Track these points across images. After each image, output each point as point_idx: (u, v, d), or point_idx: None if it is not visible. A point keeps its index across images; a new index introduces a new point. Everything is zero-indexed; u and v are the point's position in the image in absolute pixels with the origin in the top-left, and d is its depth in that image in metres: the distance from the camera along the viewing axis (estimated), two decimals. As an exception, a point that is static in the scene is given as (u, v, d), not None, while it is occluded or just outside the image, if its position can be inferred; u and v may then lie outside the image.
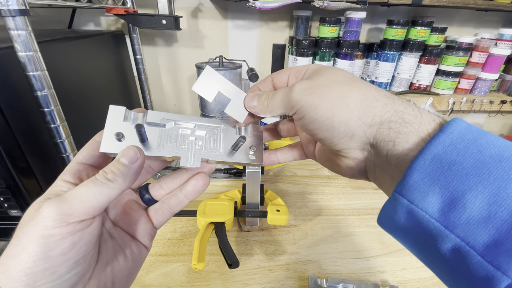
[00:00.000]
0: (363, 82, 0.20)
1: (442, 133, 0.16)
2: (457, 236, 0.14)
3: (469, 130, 0.16)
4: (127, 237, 0.22)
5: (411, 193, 0.16)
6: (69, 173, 0.20)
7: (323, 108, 0.18)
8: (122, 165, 0.19)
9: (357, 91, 0.19)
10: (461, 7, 0.69)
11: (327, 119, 0.19)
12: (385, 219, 0.19)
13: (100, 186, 0.18)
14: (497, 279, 0.13)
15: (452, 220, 0.15)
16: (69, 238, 0.16)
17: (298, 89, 0.20)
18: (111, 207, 0.23)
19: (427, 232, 0.16)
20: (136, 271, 0.23)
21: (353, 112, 0.18)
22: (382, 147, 0.18)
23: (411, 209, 0.16)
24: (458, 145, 0.15)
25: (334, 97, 0.18)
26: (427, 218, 0.15)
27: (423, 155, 0.16)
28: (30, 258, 0.16)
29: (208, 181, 0.23)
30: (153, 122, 0.22)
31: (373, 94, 0.19)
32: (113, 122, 0.20)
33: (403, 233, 0.18)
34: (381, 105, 0.18)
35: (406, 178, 0.16)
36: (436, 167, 0.15)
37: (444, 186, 0.15)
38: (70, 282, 0.17)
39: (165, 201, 0.23)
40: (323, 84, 0.19)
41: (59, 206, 0.16)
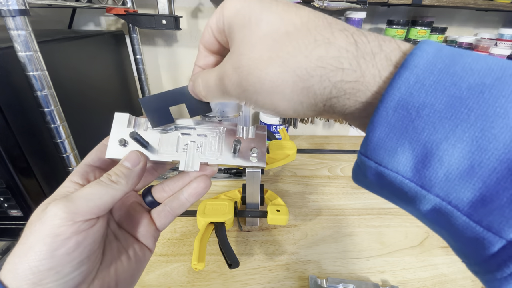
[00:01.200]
0: (288, 40, 0.15)
1: (404, 69, 0.12)
2: (436, 195, 0.12)
3: (439, 57, 0.12)
4: (131, 238, 0.23)
5: (377, 153, 0.13)
6: (78, 175, 0.21)
7: (262, 102, 0.16)
8: (125, 168, 0.20)
9: (286, 69, 0.15)
10: (461, 7, 0.69)
11: (273, 109, 0.17)
12: (357, 179, 0.17)
13: (105, 187, 0.19)
14: (489, 241, 0.11)
15: (428, 178, 0.12)
16: (74, 238, 0.17)
17: (230, 86, 0.17)
18: (116, 209, 0.23)
19: (402, 194, 0.13)
20: (139, 272, 0.23)
21: (292, 99, 0.16)
22: (338, 116, 0.16)
23: (380, 171, 0.13)
24: (426, 81, 0.12)
25: (267, 88, 0.15)
26: (399, 179, 0.13)
27: (384, 103, 0.13)
28: (36, 256, 0.16)
29: (209, 184, 0.23)
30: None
31: (304, 66, 0.14)
32: (118, 129, 0.22)
33: (379, 193, 0.16)
34: (317, 80, 0.14)
35: (368, 136, 0.14)
36: (402, 116, 0.12)
37: (414, 138, 0.12)
38: (74, 281, 0.17)
39: (167, 204, 0.24)
40: (248, 69, 0.16)
41: (66, 205, 0.17)
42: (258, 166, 0.24)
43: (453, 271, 0.44)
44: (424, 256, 0.47)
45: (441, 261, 0.46)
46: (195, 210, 0.45)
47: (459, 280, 0.43)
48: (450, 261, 0.46)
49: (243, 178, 0.65)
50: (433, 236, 0.51)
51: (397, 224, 0.54)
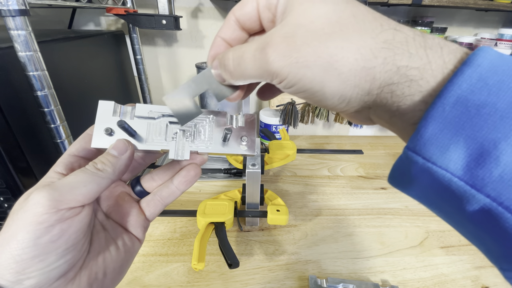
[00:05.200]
0: (354, 20, 0.15)
1: (468, 66, 0.12)
2: (486, 196, 0.12)
3: (503, 59, 0.12)
4: (119, 228, 0.22)
5: (427, 149, 0.13)
6: (62, 165, 0.20)
7: (310, 79, 0.15)
8: (112, 156, 0.19)
9: (349, 46, 0.14)
10: (461, 7, 0.69)
11: (318, 91, 0.15)
12: (398, 179, 0.16)
13: (90, 175, 0.18)
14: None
15: (480, 178, 0.12)
16: (58, 226, 0.16)
17: (274, 56, 0.15)
18: (104, 199, 0.23)
19: (448, 192, 0.13)
20: (129, 262, 0.23)
21: (347, 80, 0.14)
22: (384, 109, 0.15)
23: (427, 168, 0.13)
24: (489, 80, 0.12)
25: (322, 62, 0.14)
26: (448, 177, 0.13)
27: (442, 99, 0.12)
28: (19, 245, 0.16)
29: (199, 172, 0.23)
30: (141, 115, 0.22)
31: (369, 45, 0.14)
32: (103, 117, 0.21)
33: (419, 193, 0.16)
34: (380, 62, 0.14)
35: (420, 131, 0.13)
36: (460, 112, 0.12)
37: (470, 136, 0.12)
38: (59, 270, 0.17)
39: (157, 193, 0.23)
40: (304, 39, 0.15)
41: (49, 193, 0.16)
42: (248, 154, 0.23)
43: (453, 271, 0.44)
44: (424, 256, 0.47)
45: (441, 261, 0.46)
46: (195, 210, 0.46)
47: (459, 280, 0.43)
48: (450, 261, 0.46)
49: (243, 178, 0.65)
50: (433, 236, 0.51)
51: (397, 224, 0.54)
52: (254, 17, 0.18)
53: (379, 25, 0.14)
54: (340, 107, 0.16)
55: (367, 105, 0.16)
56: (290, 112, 0.75)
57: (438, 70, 0.13)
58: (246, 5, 0.18)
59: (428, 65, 0.14)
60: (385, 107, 0.15)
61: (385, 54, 0.14)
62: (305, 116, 0.80)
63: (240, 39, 0.20)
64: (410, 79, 0.14)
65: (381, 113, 0.16)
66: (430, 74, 0.13)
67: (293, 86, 0.15)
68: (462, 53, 0.13)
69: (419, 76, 0.14)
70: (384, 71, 0.14)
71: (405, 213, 0.57)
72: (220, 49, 0.20)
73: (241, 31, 0.19)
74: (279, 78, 0.15)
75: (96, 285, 0.19)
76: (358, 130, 0.91)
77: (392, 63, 0.14)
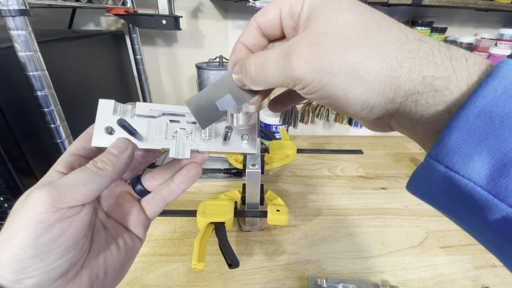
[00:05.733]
0: (379, 30, 0.15)
1: (492, 78, 0.12)
2: (509, 205, 0.12)
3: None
4: (120, 228, 0.22)
5: (450, 158, 0.13)
6: (62, 164, 0.20)
7: (335, 86, 0.15)
8: (112, 155, 0.19)
9: (375, 54, 0.14)
10: (461, 7, 0.69)
11: (341, 98, 0.15)
12: (417, 186, 0.16)
13: (90, 174, 0.18)
14: None
15: (504, 188, 0.12)
16: (58, 225, 0.16)
17: (299, 63, 0.15)
18: (104, 198, 0.23)
19: (470, 201, 0.13)
20: (130, 262, 0.23)
21: (372, 88, 0.15)
22: (407, 118, 0.15)
23: (450, 176, 0.13)
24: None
25: (347, 70, 0.15)
26: (470, 186, 0.13)
27: (466, 109, 0.13)
28: (19, 244, 0.16)
29: (200, 170, 0.23)
30: (142, 114, 0.22)
31: (395, 55, 0.14)
32: (103, 116, 0.21)
33: (439, 202, 0.16)
34: (405, 72, 0.14)
35: (443, 140, 0.13)
36: (484, 123, 0.12)
37: (494, 147, 0.12)
38: (60, 269, 0.17)
39: (158, 192, 0.23)
40: (330, 47, 0.15)
41: (49, 192, 0.16)
42: (249, 153, 0.23)
43: (453, 271, 0.44)
44: (424, 256, 0.47)
45: (441, 261, 0.46)
46: (195, 210, 0.46)
47: (459, 280, 0.43)
48: (450, 261, 0.46)
49: (243, 178, 0.65)
50: (433, 236, 0.51)
51: (397, 224, 0.54)
52: (276, 24, 0.19)
53: (404, 35, 0.15)
54: (361, 114, 0.16)
55: (389, 113, 0.16)
56: (290, 112, 0.75)
57: (463, 81, 0.14)
58: (268, 13, 0.18)
59: (453, 75, 0.14)
60: (408, 115, 0.15)
61: (410, 64, 0.14)
62: (305, 116, 0.80)
63: (260, 45, 0.20)
64: (435, 89, 0.14)
65: (403, 121, 0.16)
66: (455, 84, 0.14)
67: (316, 92, 0.16)
68: (486, 65, 0.14)
69: (444, 86, 0.14)
70: (409, 80, 0.14)
71: (405, 213, 0.57)
72: (241, 54, 0.20)
73: (261, 37, 0.20)
74: (302, 84, 0.16)
75: (97, 284, 0.19)
76: (358, 130, 0.91)
77: (417, 72, 0.14)
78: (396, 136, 0.90)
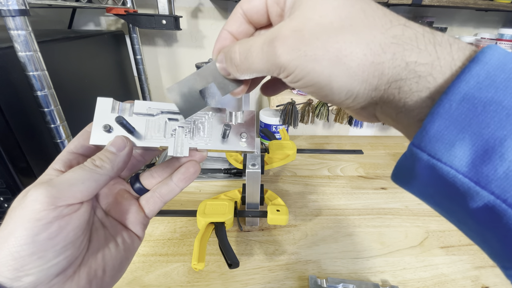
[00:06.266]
0: (363, 16, 0.15)
1: (475, 64, 0.12)
2: (490, 193, 0.12)
3: (510, 58, 0.12)
4: (119, 226, 0.22)
5: (433, 145, 0.13)
6: (60, 162, 0.20)
7: (318, 73, 0.15)
8: (110, 153, 0.19)
9: (359, 41, 0.14)
10: (461, 7, 0.69)
11: (325, 86, 0.15)
12: (401, 176, 0.16)
13: (88, 171, 0.18)
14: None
15: (485, 175, 0.12)
16: (56, 223, 0.16)
17: (283, 49, 0.15)
18: (103, 197, 0.23)
19: (452, 189, 0.13)
20: (128, 260, 0.23)
21: (355, 75, 0.14)
22: (391, 106, 0.15)
23: (432, 164, 0.13)
24: (496, 77, 0.12)
25: (330, 57, 0.14)
26: (452, 174, 0.13)
27: (449, 95, 0.12)
28: (17, 242, 0.16)
29: (198, 168, 0.23)
30: (140, 112, 0.22)
31: (379, 40, 0.14)
32: (101, 114, 0.21)
33: (422, 191, 0.16)
34: (389, 58, 0.14)
35: (426, 127, 0.13)
36: (467, 109, 0.12)
37: (476, 133, 0.12)
38: (58, 267, 0.17)
39: (156, 190, 0.23)
40: (313, 33, 0.14)
41: (47, 190, 0.16)
42: (247, 151, 0.23)
43: (453, 271, 0.44)
44: (424, 256, 0.47)
45: (441, 261, 0.46)
46: (195, 210, 0.46)
47: (459, 280, 0.43)
48: (450, 261, 0.46)
49: (243, 178, 0.65)
50: (433, 236, 0.51)
51: (397, 224, 0.54)
52: (262, 11, 0.18)
53: (389, 21, 0.14)
54: (346, 102, 0.16)
55: (373, 101, 0.16)
56: (290, 112, 0.75)
57: (447, 66, 0.13)
58: (254, 1, 0.18)
59: (436, 61, 0.13)
60: (392, 103, 0.15)
61: (394, 50, 0.14)
62: (305, 116, 0.80)
63: (247, 33, 0.20)
64: (419, 75, 0.14)
65: (387, 110, 0.16)
66: (439, 70, 0.13)
67: (300, 80, 0.15)
68: (470, 51, 0.13)
69: (427, 72, 0.14)
70: (393, 66, 0.14)
71: (405, 213, 0.57)
72: (226, 42, 0.19)
73: (247, 25, 0.19)
74: (286, 71, 0.15)
75: (96, 282, 0.19)
76: (358, 130, 0.91)
77: (401, 58, 0.14)
78: (396, 136, 0.90)
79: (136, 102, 0.22)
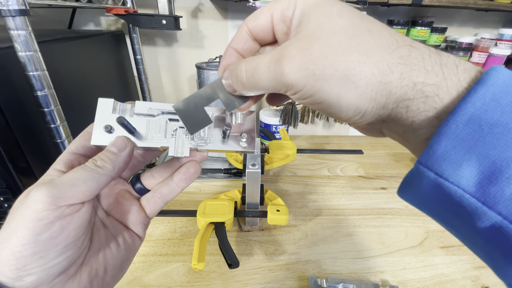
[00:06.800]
0: (370, 35, 0.15)
1: (481, 86, 0.12)
2: (498, 213, 0.12)
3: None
4: (120, 226, 0.23)
5: (440, 165, 0.13)
6: (61, 163, 0.20)
7: (327, 92, 0.15)
8: (111, 153, 0.20)
9: (367, 60, 0.14)
10: (461, 7, 0.69)
11: (333, 104, 0.15)
12: (407, 192, 0.17)
13: (89, 172, 0.18)
14: None
15: (492, 195, 0.12)
16: (58, 222, 0.17)
17: (290, 68, 0.15)
18: (104, 197, 0.23)
19: (459, 207, 0.13)
20: (129, 260, 0.23)
21: (364, 94, 0.15)
22: (398, 124, 0.15)
23: (439, 183, 0.13)
24: (502, 99, 0.12)
25: (339, 76, 0.14)
26: (460, 193, 0.13)
27: (455, 116, 0.13)
28: (19, 242, 0.16)
29: (199, 169, 0.23)
30: (141, 113, 0.22)
31: (386, 60, 0.14)
32: (102, 115, 0.21)
33: (428, 207, 0.16)
34: (396, 77, 0.14)
35: (433, 146, 0.13)
36: (473, 130, 0.12)
37: (483, 154, 0.12)
38: (60, 266, 0.17)
39: (157, 190, 0.24)
40: (321, 52, 0.15)
41: (49, 190, 0.17)
42: (248, 151, 0.23)
43: (453, 271, 0.44)
44: (424, 256, 0.47)
45: (441, 261, 0.46)
46: (195, 210, 0.46)
47: (459, 280, 0.43)
48: (450, 261, 0.46)
49: (243, 178, 0.65)
50: (433, 236, 0.51)
51: (397, 224, 0.54)
52: (268, 29, 0.18)
53: (395, 41, 0.15)
54: (354, 119, 0.16)
55: (381, 119, 0.16)
56: (290, 112, 0.75)
57: (453, 87, 0.14)
58: (260, 17, 0.18)
59: (443, 82, 0.14)
60: (399, 121, 0.15)
61: (401, 70, 0.14)
62: (305, 116, 0.80)
63: (252, 50, 0.20)
64: (426, 95, 0.14)
65: (394, 127, 0.16)
66: (445, 91, 0.14)
67: (308, 97, 0.16)
68: (476, 72, 0.14)
69: (434, 92, 0.14)
70: (401, 86, 0.14)
71: (405, 213, 0.57)
72: (231, 59, 0.20)
73: (253, 42, 0.19)
74: (294, 89, 0.16)
75: (97, 282, 0.19)
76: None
77: (408, 78, 0.14)
78: (396, 136, 0.90)
79: (137, 102, 0.22)
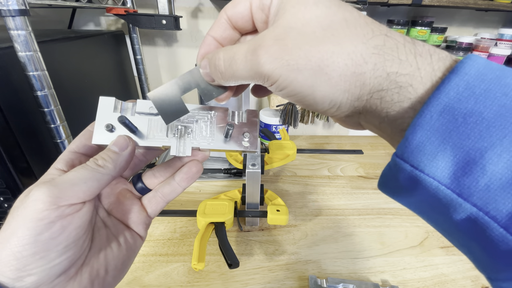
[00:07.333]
0: (345, 25, 0.14)
1: (455, 75, 0.12)
2: (473, 205, 0.12)
3: (490, 68, 0.12)
4: (121, 225, 0.22)
5: (415, 156, 0.13)
6: (62, 162, 0.20)
7: (301, 83, 0.15)
8: (113, 152, 0.19)
9: (340, 51, 0.14)
10: (461, 7, 0.69)
11: (308, 95, 0.15)
12: (386, 186, 0.17)
13: (90, 171, 0.18)
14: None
15: (467, 186, 0.12)
16: (59, 222, 0.16)
17: (266, 58, 0.15)
18: (105, 196, 0.23)
19: (436, 200, 0.13)
20: (130, 260, 0.23)
21: (337, 85, 0.14)
22: (374, 115, 0.15)
23: (415, 175, 0.13)
24: (476, 88, 0.12)
25: (312, 67, 0.14)
26: (435, 185, 0.13)
27: (429, 107, 0.12)
28: (19, 242, 0.15)
29: (201, 168, 0.23)
30: (142, 111, 0.22)
31: (360, 51, 0.14)
32: (103, 114, 0.21)
33: (408, 200, 0.16)
34: (370, 68, 0.14)
35: (408, 138, 0.13)
36: (447, 121, 0.12)
37: (457, 144, 0.12)
38: (60, 266, 0.17)
39: (159, 190, 0.23)
40: (296, 42, 0.14)
41: (49, 189, 0.16)
42: (250, 151, 0.23)
43: (453, 271, 0.44)
44: (424, 256, 0.47)
45: (441, 261, 0.46)
46: (195, 210, 0.46)
47: (459, 280, 0.43)
48: (450, 261, 0.46)
49: (243, 178, 0.65)
50: (433, 236, 0.51)
51: (397, 224, 0.54)
52: (247, 17, 0.18)
53: (370, 30, 0.14)
54: (330, 111, 0.16)
55: (357, 111, 0.16)
56: (290, 112, 0.75)
57: (427, 77, 0.13)
58: (238, 5, 0.18)
59: (417, 72, 0.14)
60: (374, 113, 0.15)
61: (375, 60, 0.14)
62: (305, 116, 0.80)
63: (232, 39, 0.19)
64: (400, 85, 0.14)
65: (370, 119, 0.16)
66: (419, 81, 0.13)
67: (284, 89, 0.15)
68: (451, 61, 0.14)
69: (408, 82, 0.14)
70: (374, 77, 0.14)
71: (405, 213, 0.57)
72: (210, 48, 0.19)
73: (232, 30, 0.19)
74: (270, 80, 0.15)
75: (98, 282, 0.19)
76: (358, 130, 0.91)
77: (382, 69, 0.14)
78: (396, 136, 0.90)
79: (138, 101, 0.22)
